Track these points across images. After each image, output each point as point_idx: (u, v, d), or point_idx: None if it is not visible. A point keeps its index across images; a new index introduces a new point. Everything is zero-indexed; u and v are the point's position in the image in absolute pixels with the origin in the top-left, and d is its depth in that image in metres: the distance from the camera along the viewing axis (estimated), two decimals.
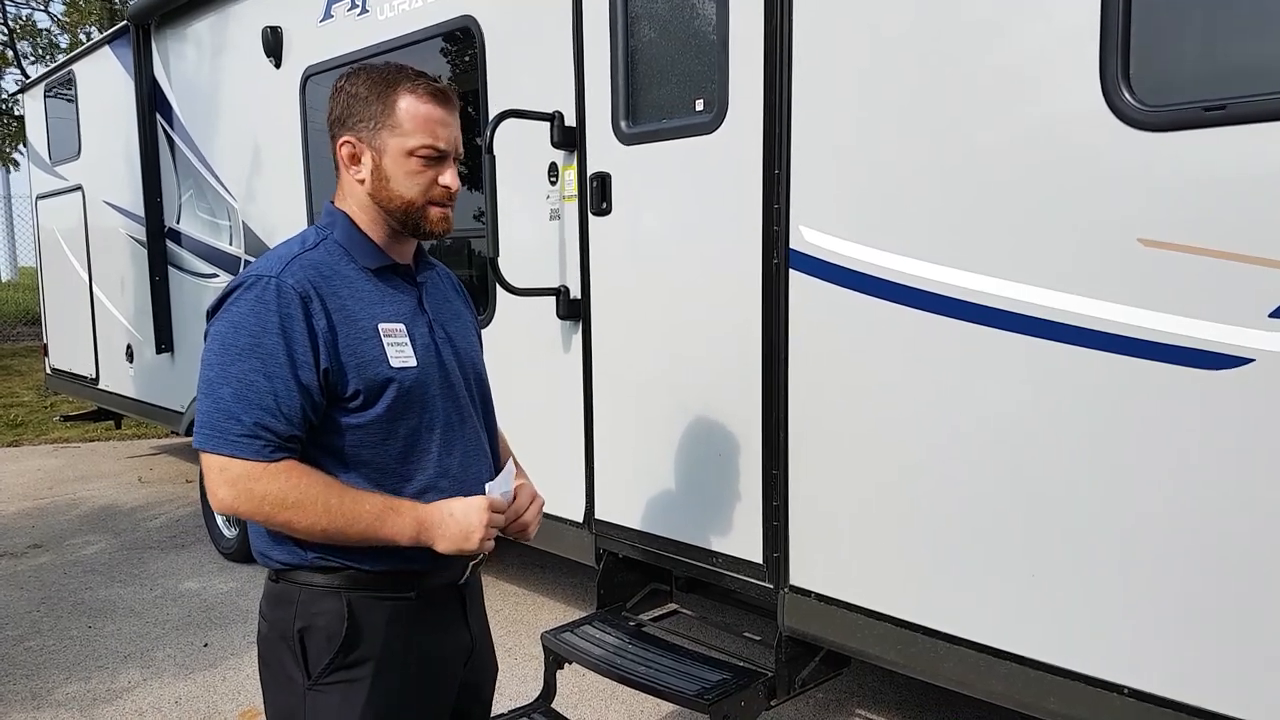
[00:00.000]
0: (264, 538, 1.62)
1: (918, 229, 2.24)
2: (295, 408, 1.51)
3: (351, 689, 1.58)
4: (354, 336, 1.56)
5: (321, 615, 1.57)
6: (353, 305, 1.57)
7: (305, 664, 1.58)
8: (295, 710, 1.60)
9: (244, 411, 1.49)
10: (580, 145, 3.08)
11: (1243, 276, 1.75)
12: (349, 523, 1.51)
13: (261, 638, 1.67)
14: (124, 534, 5.70)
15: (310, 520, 1.50)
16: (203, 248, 5.31)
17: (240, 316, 1.52)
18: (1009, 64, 2.06)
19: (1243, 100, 1.74)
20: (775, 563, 2.63)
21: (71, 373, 7.32)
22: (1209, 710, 1.86)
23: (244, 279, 1.56)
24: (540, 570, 4.82)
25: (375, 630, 1.59)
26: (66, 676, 3.79)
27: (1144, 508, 1.93)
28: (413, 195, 1.61)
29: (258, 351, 1.50)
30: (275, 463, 1.50)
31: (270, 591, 1.65)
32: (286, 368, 1.50)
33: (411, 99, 1.58)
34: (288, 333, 1.50)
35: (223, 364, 1.51)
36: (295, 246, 1.61)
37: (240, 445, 1.48)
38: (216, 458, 1.50)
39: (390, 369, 1.57)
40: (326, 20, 4.14)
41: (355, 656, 1.58)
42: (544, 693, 2.96)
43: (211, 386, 1.51)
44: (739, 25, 2.56)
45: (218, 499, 1.51)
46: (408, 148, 1.58)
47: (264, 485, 1.49)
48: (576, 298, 3.16)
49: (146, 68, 5.50)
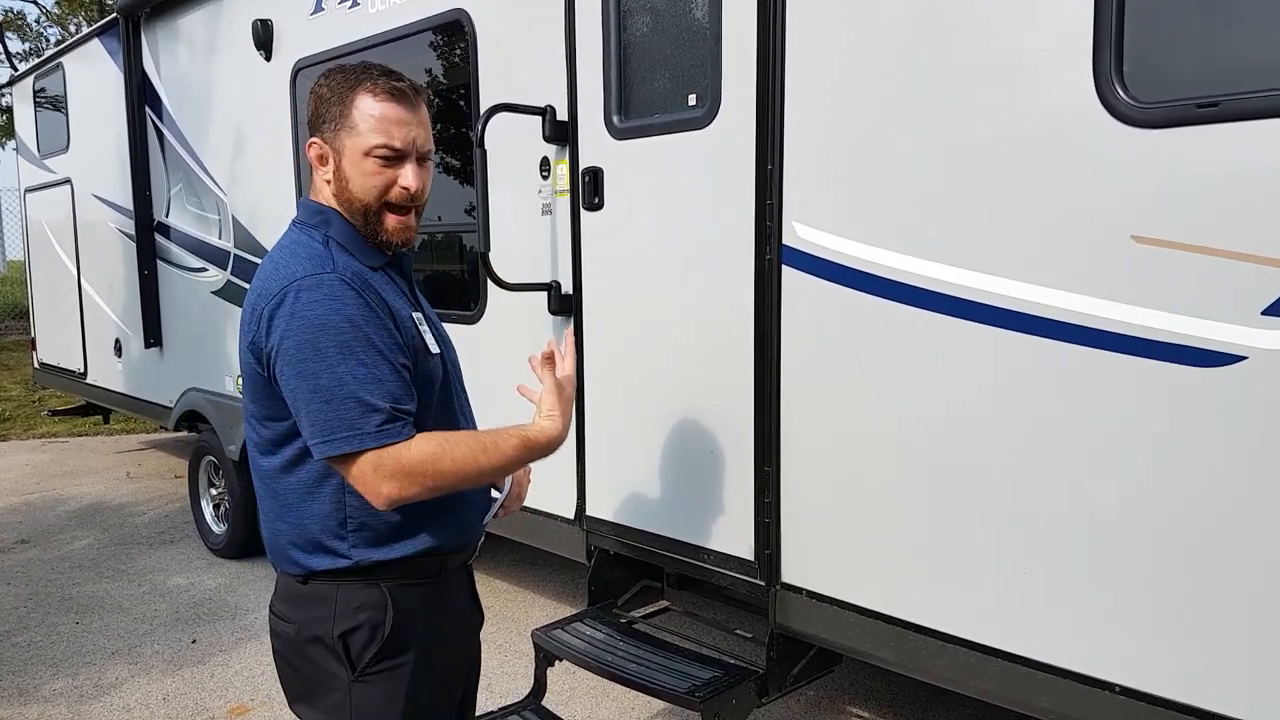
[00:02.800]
0: (293, 546, 1.60)
1: (911, 225, 2.23)
2: (405, 386, 1.53)
3: (395, 675, 1.60)
4: (401, 325, 1.58)
5: (364, 609, 1.58)
6: (387, 297, 1.59)
7: (349, 658, 1.59)
8: (339, 706, 1.61)
9: (375, 402, 1.47)
10: (572, 140, 3.06)
11: (1236, 274, 1.75)
12: (500, 464, 1.58)
13: (285, 640, 1.64)
14: (112, 529, 5.67)
15: (473, 478, 1.55)
16: (192, 242, 5.27)
17: (321, 317, 1.48)
18: (1003, 60, 2.05)
19: (1236, 97, 1.73)
20: (767, 560, 2.62)
21: (59, 367, 7.28)
22: (1200, 708, 1.86)
23: (290, 283, 1.51)
24: (531, 567, 4.81)
25: (414, 615, 1.62)
26: (54, 672, 3.77)
27: (1137, 506, 1.92)
28: (369, 198, 1.59)
29: (358, 345, 1.48)
30: (414, 439, 1.50)
31: (295, 593, 1.62)
32: (385, 353, 1.51)
33: (368, 99, 1.56)
34: (371, 322, 1.51)
35: (327, 367, 1.47)
36: (313, 245, 1.58)
37: (384, 434, 1.47)
38: (366, 456, 1.47)
39: (430, 355, 1.62)
40: (317, 13, 4.11)
41: (399, 644, 1.61)
42: (534, 690, 2.95)
43: (328, 392, 1.47)
44: (732, 19, 2.55)
45: (383, 496, 1.48)
46: (363, 148, 1.56)
47: (420, 463, 1.48)
48: (568, 293, 3.15)
49: (136, 60, 5.46)
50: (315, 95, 1.61)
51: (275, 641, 1.68)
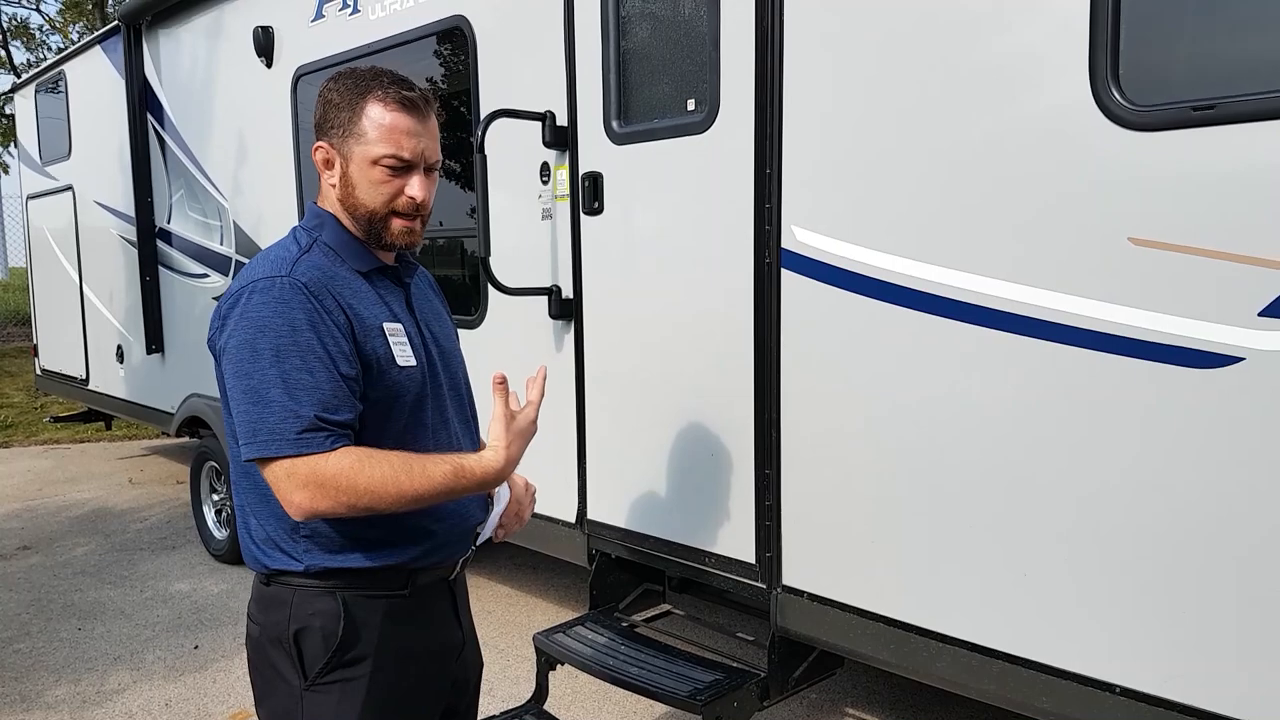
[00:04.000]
0: (256, 544, 1.61)
1: (909, 228, 2.24)
2: (344, 397, 1.49)
3: (349, 687, 1.57)
4: (366, 333, 1.55)
5: (317, 616, 1.56)
6: (357, 304, 1.56)
7: (301, 665, 1.56)
8: (291, 712, 1.59)
9: (299, 409, 1.44)
10: (572, 145, 3.07)
11: (1233, 275, 1.76)
12: (426, 491, 1.49)
13: (252, 641, 1.65)
14: (114, 535, 5.67)
15: (391, 500, 1.46)
16: (193, 248, 5.28)
17: (264, 319, 1.47)
18: (1000, 64, 2.06)
19: (1232, 100, 1.74)
20: (768, 562, 2.63)
21: (62, 373, 7.28)
22: (1199, 708, 1.86)
23: (247, 284, 1.51)
24: (532, 571, 4.81)
25: (371, 628, 1.58)
26: (56, 679, 3.77)
27: (1135, 507, 1.93)
28: (375, 205, 1.58)
29: (295, 349, 1.46)
30: (335, 450, 1.45)
31: (261, 594, 1.63)
32: (325, 360, 1.47)
33: (379, 107, 1.55)
34: (317, 327, 1.48)
35: (260, 369, 1.46)
36: (290, 248, 1.58)
37: (302, 442, 1.44)
38: (281, 463, 1.45)
39: (397, 368, 1.57)
40: (318, 20, 4.13)
41: (352, 655, 1.57)
42: (536, 694, 2.95)
43: (256, 394, 1.46)
44: (730, 25, 2.56)
45: (294, 504, 1.45)
46: (371, 156, 1.56)
47: (334, 476, 1.44)
48: (568, 297, 3.16)
49: (137, 67, 5.48)
50: (324, 99, 1.60)
51: (246, 642, 1.69)
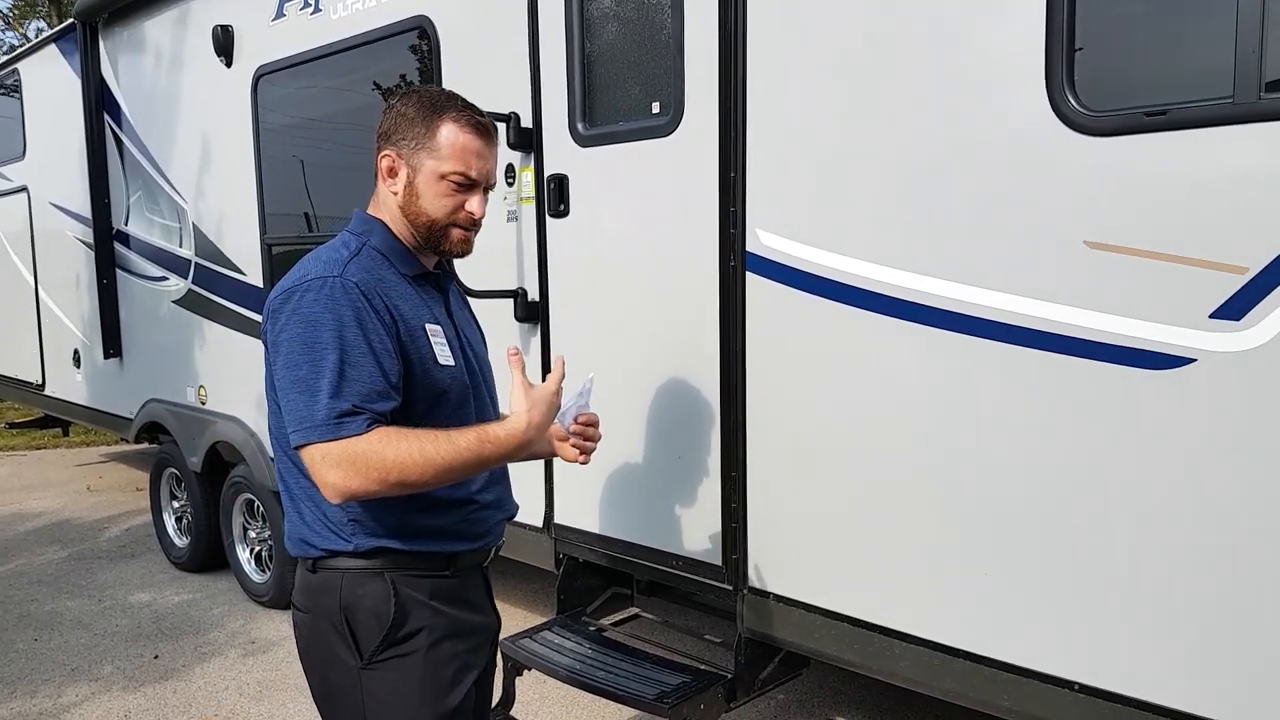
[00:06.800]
0: (307, 526, 1.68)
1: (870, 232, 2.26)
2: (385, 389, 1.58)
3: (405, 663, 1.65)
4: (410, 333, 1.65)
5: (368, 596, 1.64)
6: (402, 305, 1.66)
7: (356, 645, 1.64)
8: (350, 689, 1.66)
9: (340, 399, 1.53)
10: (537, 147, 3.06)
11: (1185, 278, 1.79)
12: (454, 459, 1.55)
13: (303, 629, 1.73)
14: (72, 544, 5.56)
15: (419, 471, 1.53)
16: (152, 250, 5.19)
17: (316, 315, 1.57)
18: (958, 70, 2.09)
19: (1184, 106, 1.78)
20: (734, 565, 2.63)
21: (17, 379, 7.13)
22: (1158, 704, 1.90)
23: (300, 281, 1.61)
24: (500, 576, 4.77)
25: (420, 607, 1.67)
26: (11, 691, 3.68)
27: (1092, 506, 1.96)
28: (438, 215, 1.71)
29: (340, 344, 1.55)
30: (368, 432, 1.53)
31: (308, 583, 1.70)
32: (370, 356, 1.56)
33: (454, 127, 1.68)
34: (365, 324, 1.58)
35: (311, 360, 1.55)
36: (341, 251, 1.67)
37: (340, 425, 1.52)
38: (317, 448, 1.53)
39: (438, 367, 1.68)
40: (279, 19, 4.08)
41: (405, 632, 1.66)
42: (503, 700, 2.94)
43: (304, 384, 1.55)
44: (694, 28, 2.57)
45: (329, 486, 1.53)
46: (441, 171, 1.68)
47: (363, 453, 1.51)
48: (535, 300, 3.15)
49: (94, 67, 5.37)
50: (396, 112, 1.70)
51: (296, 635, 1.77)
